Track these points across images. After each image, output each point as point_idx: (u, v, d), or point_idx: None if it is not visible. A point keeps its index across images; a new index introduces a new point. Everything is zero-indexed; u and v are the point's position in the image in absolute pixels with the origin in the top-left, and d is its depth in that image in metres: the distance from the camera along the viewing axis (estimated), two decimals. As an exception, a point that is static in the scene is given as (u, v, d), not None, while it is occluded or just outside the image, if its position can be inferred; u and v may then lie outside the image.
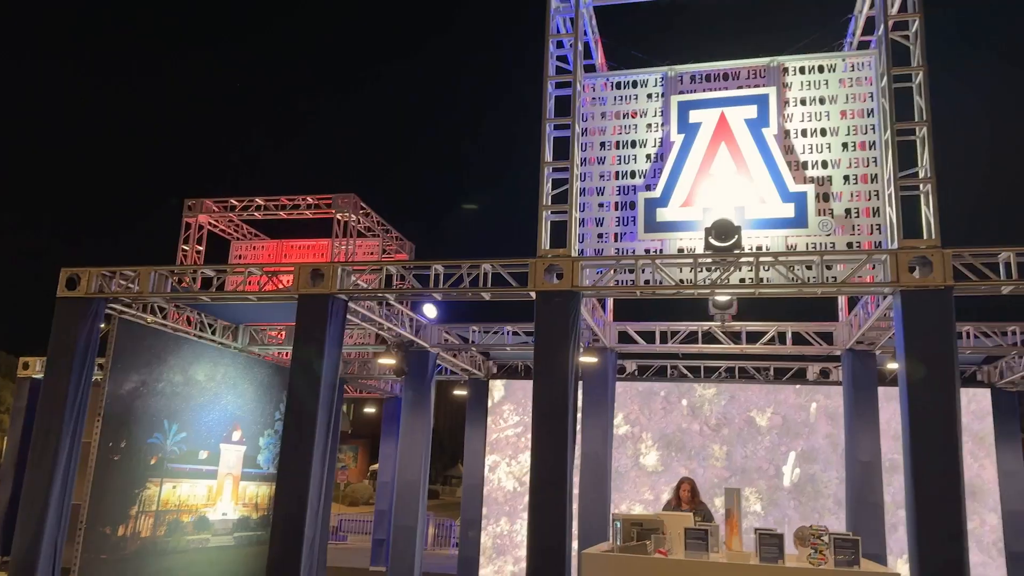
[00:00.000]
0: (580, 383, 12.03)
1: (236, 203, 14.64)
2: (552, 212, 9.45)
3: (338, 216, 13.85)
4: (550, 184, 9.59)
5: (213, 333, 12.61)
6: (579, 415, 11.84)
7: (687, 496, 9.01)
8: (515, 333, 12.97)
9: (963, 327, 11.22)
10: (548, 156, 9.59)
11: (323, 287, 9.58)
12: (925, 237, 8.27)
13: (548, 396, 8.66)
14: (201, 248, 14.73)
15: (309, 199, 14.29)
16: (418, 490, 12.44)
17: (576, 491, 11.40)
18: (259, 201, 14.57)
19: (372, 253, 14.89)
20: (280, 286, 10.31)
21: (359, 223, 14.13)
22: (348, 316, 10.11)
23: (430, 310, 12.12)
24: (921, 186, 8.41)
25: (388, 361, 12.43)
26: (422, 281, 9.80)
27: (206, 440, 11.94)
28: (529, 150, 9.76)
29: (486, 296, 9.57)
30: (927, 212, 8.31)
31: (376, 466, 24.08)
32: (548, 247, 9.33)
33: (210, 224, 14.96)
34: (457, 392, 17.82)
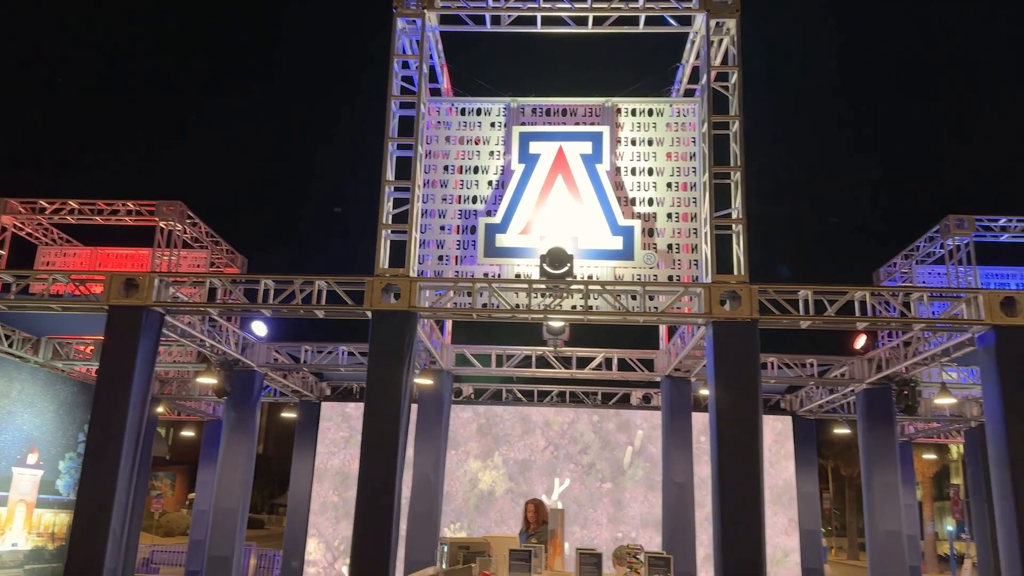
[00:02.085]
0: (415, 405, 11.97)
1: (46, 204, 13.36)
2: (392, 232, 9.39)
3: (162, 224, 12.97)
4: (391, 203, 9.53)
5: (10, 345, 11.37)
6: (412, 438, 11.75)
7: (533, 517, 9.13)
8: (350, 353, 12.69)
9: (768, 358, 12.24)
10: (390, 175, 9.54)
11: (137, 298, 8.93)
12: (735, 273, 8.98)
13: (379, 417, 8.53)
14: (2, 252, 13.28)
15: (130, 204, 13.26)
16: (236, 519, 11.78)
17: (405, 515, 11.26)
18: (73, 204, 13.35)
19: (199, 266, 14.06)
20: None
21: (185, 233, 13.30)
22: (166, 331, 9.47)
23: (259, 327, 11.62)
24: (733, 226, 9.14)
25: (209, 380, 11.74)
26: (250, 296, 9.38)
27: (-6, 463, 10.70)
28: (373, 168, 9.68)
29: (319, 314, 9.32)
30: (737, 250, 9.04)
31: (194, 494, 22.51)
32: (387, 266, 9.25)
33: (15, 227, 13.54)
34: (286, 415, 17.10)
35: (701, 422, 12.30)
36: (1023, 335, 8.39)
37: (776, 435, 14.07)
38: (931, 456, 35.24)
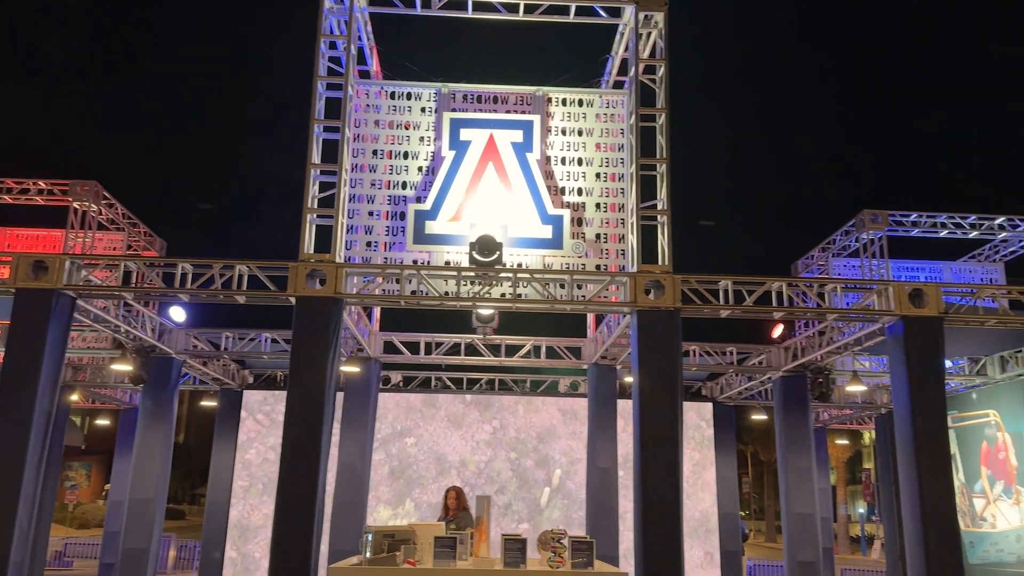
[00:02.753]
0: (341, 393, 11.81)
1: (-55, 181, 12.58)
2: (317, 216, 9.20)
3: (75, 205, 12.38)
4: (316, 187, 9.34)
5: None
6: (338, 426, 11.60)
7: (453, 504, 9.16)
8: (274, 340, 12.41)
9: (690, 346, 12.55)
10: (315, 158, 9.34)
11: (46, 281, 8.51)
12: (660, 263, 9.15)
13: (303, 406, 8.37)
14: None
15: (41, 183, 12.61)
16: (153, 509, 11.41)
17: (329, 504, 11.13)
18: (-24, 182, 12.63)
19: (115, 248, 13.49)
20: (-6, 278, 8.99)
21: (100, 214, 12.74)
22: (78, 316, 9.07)
23: (177, 313, 11.25)
24: (658, 217, 9.30)
25: (124, 367, 11.30)
26: (168, 281, 9.06)
27: None
28: (297, 150, 9.46)
29: (240, 300, 9.07)
30: (662, 241, 9.21)
31: (110, 485, 21.72)
32: (312, 252, 9.07)
33: (-90, 204, 12.71)
34: (207, 403, 16.64)
35: (625, 408, 12.51)
36: (929, 326, 8.81)
37: (697, 421, 14.44)
38: (844, 442, 36.84)
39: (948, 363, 12.27)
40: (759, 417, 19.18)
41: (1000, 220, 13.54)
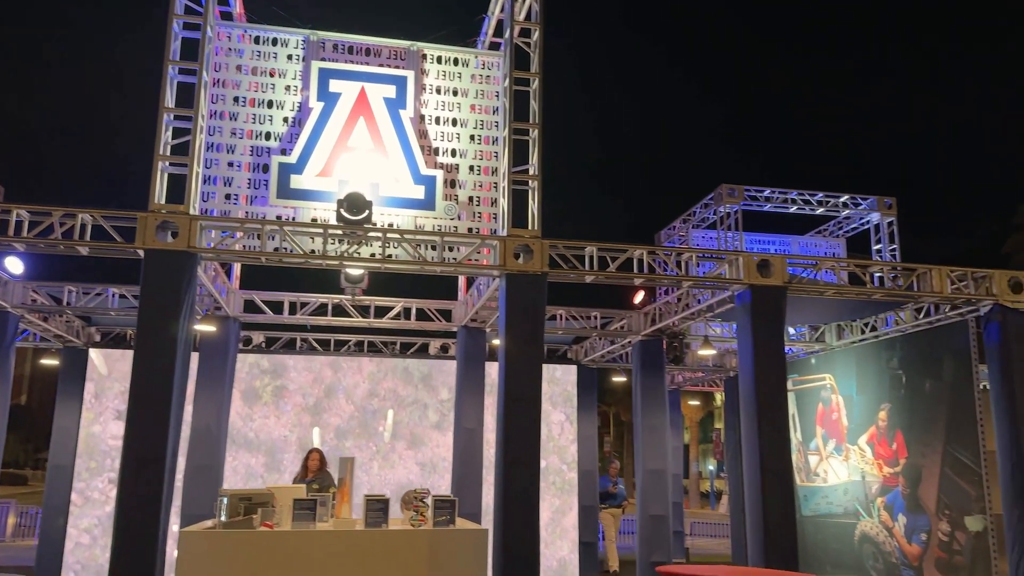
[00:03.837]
0: (197, 353, 11.28)
1: None
2: (170, 164, 8.64)
3: None
4: (170, 133, 8.75)
5: None
6: (192, 388, 11.10)
7: (315, 466, 9.00)
8: (122, 296, 11.64)
9: (557, 311, 12.85)
10: (169, 102, 8.73)
11: None
12: (529, 228, 9.25)
13: (151, 366, 7.93)
14: None
15: None
16: (-17, 475, 10.53)
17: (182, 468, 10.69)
18: None
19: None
20: None
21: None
22: None
23: (14, 264, 10.30)
24: (530, 182, 9.38)
25: (-50, 322, 10.27)
26: (2, 229, 8.26)
27: None
28: (152, 94, 8.81)
29: (83, 251, 8.42)
30: (532, 206, 9.31)
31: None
32: (164, 202, 8.52)
33: None
34: (48, 362, 15.45)
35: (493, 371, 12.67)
36: (774, 294, 9.42)
37: (563, 383, 14.85)
38: (696, 403, 39.15)
39: (791, 330, 13.23)
40: (619, 379, 20.01)
41: (844, 198, 14.63)
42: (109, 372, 13.09)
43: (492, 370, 12.57)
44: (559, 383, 14.71)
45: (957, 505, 9.88)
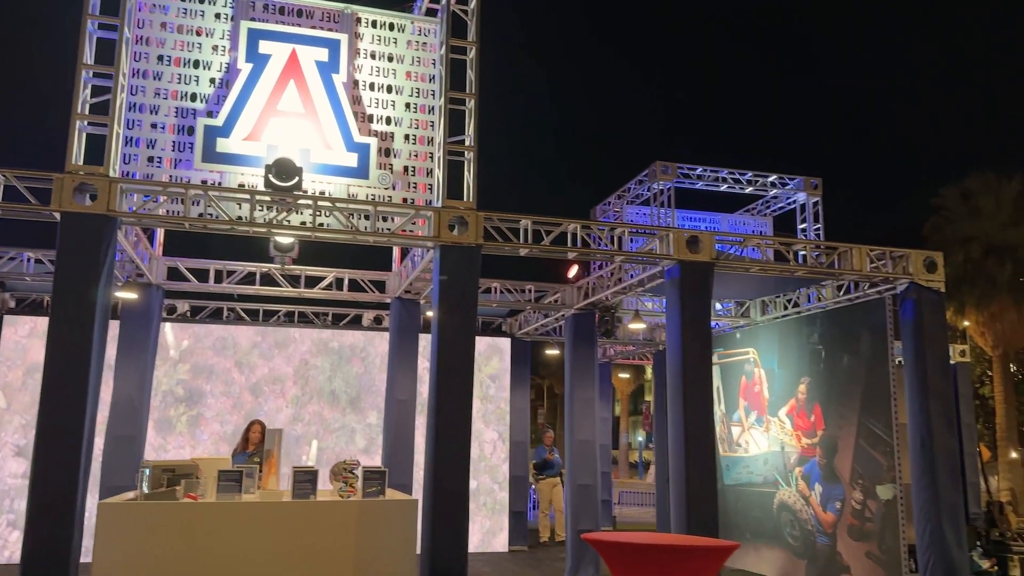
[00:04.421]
0: (118, 322, 10.90)
1: None
2: (89, 124, 8.24)
3: None
4: (89, 91, 8.35)
5: None
6: (113, 357, 10.74)
7: (257, 439, 8.82)
8: (38, 261, 11.12)
9: (492, 283, 12.86)
10: (88, 59, 8.32)
11: None
12: (464, 199, 9.19)
13: (67, 334, 7.62)
14: None
15: None
16: None
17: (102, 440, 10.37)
18: None
19: None
20: None
21: None
22: None
23: (-85, 225, 9.70)
24: (465, 153, 9.31)
25: None
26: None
27: None
28: (71, 50, 8.36)
29: (-7, 213, 8.00)
30: (468, 177, 9.24)
31: None
32: (81, 163, 8.14)
33: None
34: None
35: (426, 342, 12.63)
36: (702, 270, 9.63)
37: (497, 355, 14.93)
38: (626, 375, 39.96)
39: (717, 305, 13.58)
40: (552, 352, 20.23)
41: (772, 178, 15.00)
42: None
43: (426, 341, 12.56)
44: (493, 356, 14.81)
45: (869, 475, 10.37)
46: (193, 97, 9.01)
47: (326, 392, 13.86)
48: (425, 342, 12.57)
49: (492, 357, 14.85)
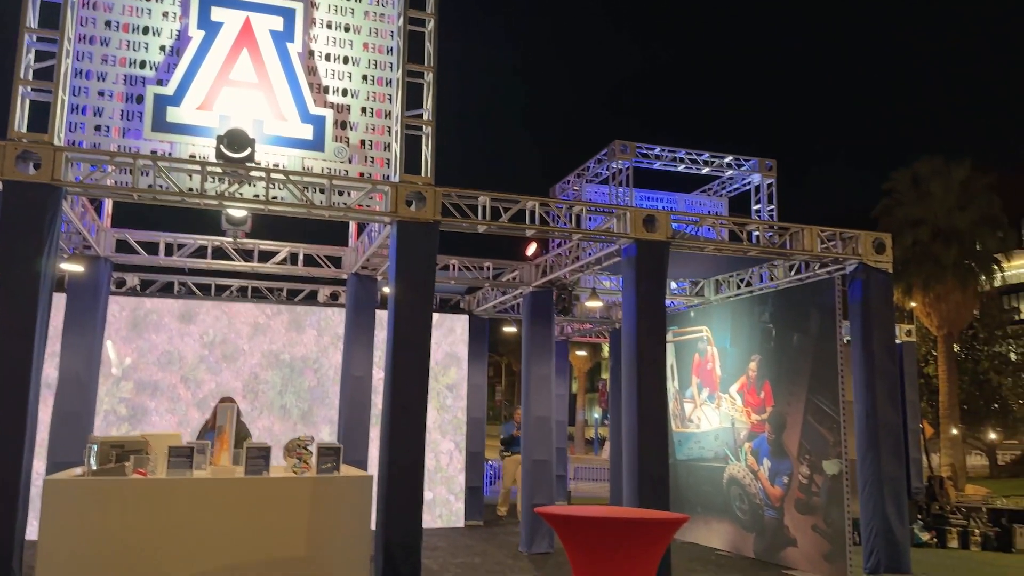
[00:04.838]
0: (64, 295, 10.62)
1: None
2: (32, 90, 7.95)
3: None
4: (32, 56, 8.04)
5: None
6: (60, 331, 10.45)
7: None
8: (-21, 232, 10.72)
9: (450, 260, 12.81)
10: (31, 22, 8.01)
11: None
12: (423, 174, 9.12)
13: (10, 308, 7.40)
14: None
15: None
16: None
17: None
18: None
19: None
20: None
21: None
22: None
23: None
24: (424, 127, 9.21)
25: None
26: None
27: None
28: (12, 11, 8.04)
29: (-70, 180, 7.69)
30: (426, 152, 9.16)
31: None
32: (24, 131, 7.86)
33: None
34: None
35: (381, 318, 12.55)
36: (658, 249, 9.73)
37: (455, 332, 14.92)
38: (583, 353, 40.33)
39: (672, 284, 13.74)
40: (510, 330, 20.28)
41: (728, 159, 15.16)
42: None
43: (383, 317, 12.48)
44: (451, 333, 14.80)
45: (816, 450, 10.66)
46: (142, 64, 8.74)
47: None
48: (381, 318, 12.52)
49: (450, 334, 14.80)
